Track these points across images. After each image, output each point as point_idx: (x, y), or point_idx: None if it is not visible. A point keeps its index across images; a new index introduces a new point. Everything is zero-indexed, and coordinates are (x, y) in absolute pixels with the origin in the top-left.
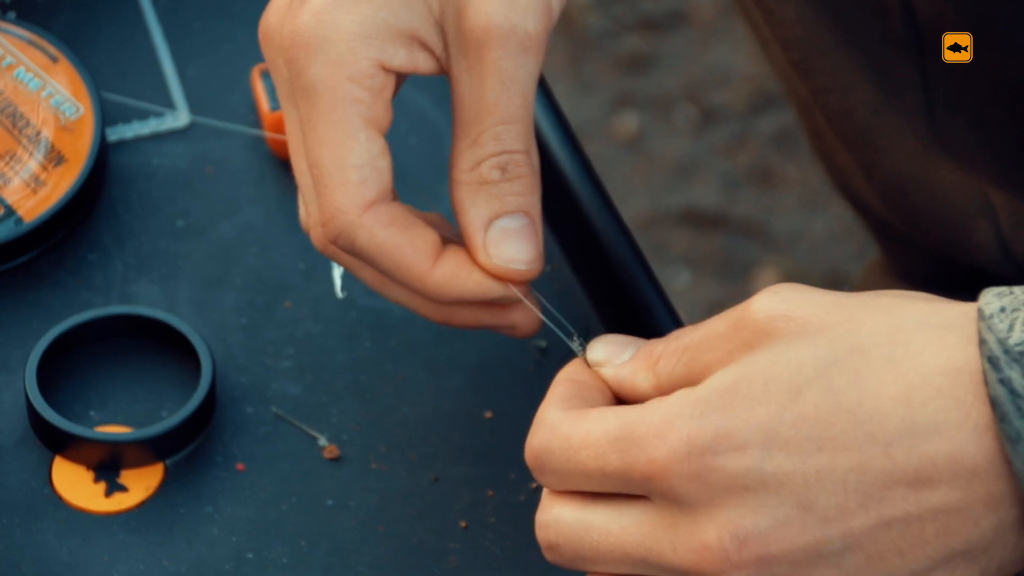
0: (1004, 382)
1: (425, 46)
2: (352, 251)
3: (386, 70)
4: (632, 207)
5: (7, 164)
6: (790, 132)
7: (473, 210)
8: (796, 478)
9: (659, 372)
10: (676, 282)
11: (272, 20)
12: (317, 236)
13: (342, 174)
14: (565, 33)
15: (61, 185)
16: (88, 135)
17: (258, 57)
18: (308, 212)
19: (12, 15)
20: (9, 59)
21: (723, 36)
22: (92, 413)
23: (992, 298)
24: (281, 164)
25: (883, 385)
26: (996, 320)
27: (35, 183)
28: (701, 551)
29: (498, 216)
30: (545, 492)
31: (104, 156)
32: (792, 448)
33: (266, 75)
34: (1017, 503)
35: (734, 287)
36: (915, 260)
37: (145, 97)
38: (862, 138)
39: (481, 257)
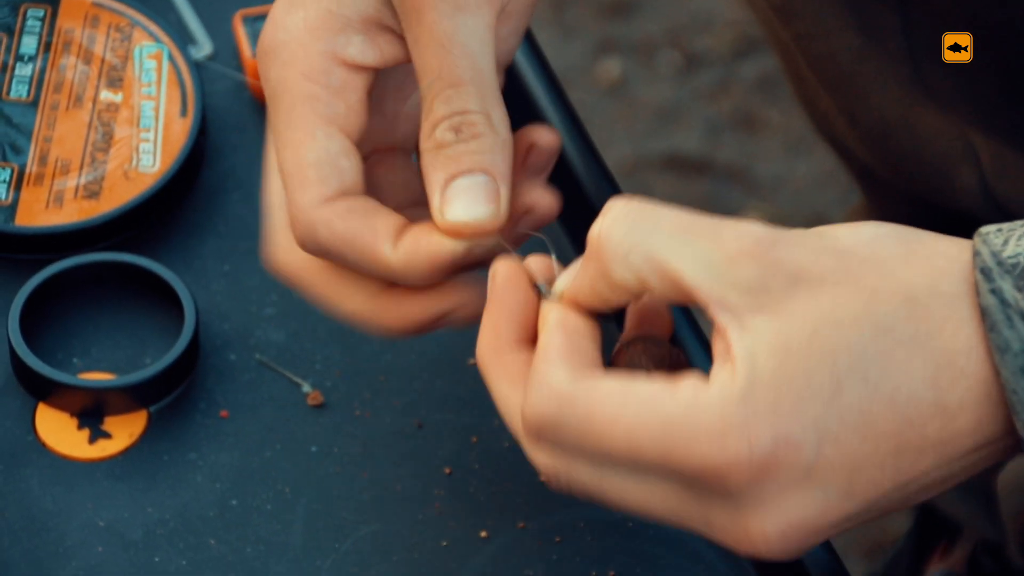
0: (995, 292)
1: (386, 27)
2: (319, 251)
3: (346, 65)
4: (615, 153)
5: (74, 164)
6: (773, 77)
7: (433, 174)
8: (842, 470)
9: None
10: None
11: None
12: (273, 258)
13: (301, 173)
14: None
15: (83, 210)
16: (137, 191)
17: (241, 3)
18: (267, 235)
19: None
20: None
21: None
22: (75, 360)
23: (990, 225)
24: (264, 110)
25: (913, 368)
26: (992, 236)
27: (55, 201)
28: (742, 537)
29: (454, 177)
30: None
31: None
32: (840, 442)
33: (248, 21)
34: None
35: None
36: (898, 205)
37: None
38: (844, 83)
39: (436, 218)
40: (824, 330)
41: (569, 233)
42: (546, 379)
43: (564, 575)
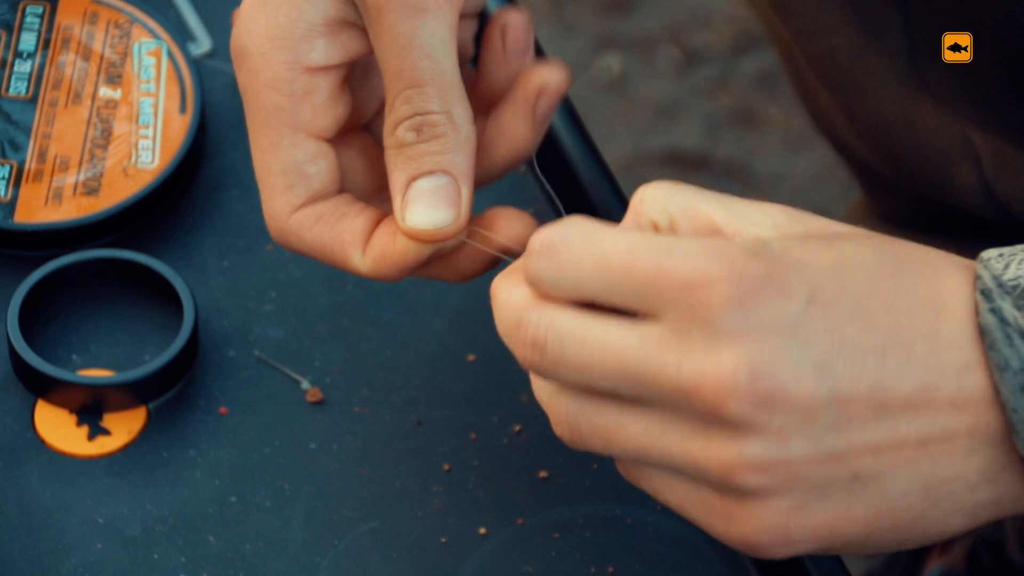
0: (995, 311)
1: (349, 23)
2: (294, 251)
3: (309, 70)
4: (615, 149)
5: (73, 159)
6: (772, 73)
7: (394, 174)
8: (825, 339)
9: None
10: None
11: None
12: None
13: (269, 181)
14: None
15: (82, 207)
16: (136, 187)
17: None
18: None
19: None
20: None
21: None
22: (74, 357)
23: (992, 249)
24: None
25: (916, 289)
26: (993, 261)
27: (54, 198)
28: (710, 373)
29: (415, 177)
30: (527, 291)
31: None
32: (830, 310)
33: None
34: (1007, 442)
35: None
36: (897, 202)
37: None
38: (844, 80)
39: (398, 221)
40: (840, 239)
41: None
42: (561, 221)
43: (563, 572)
